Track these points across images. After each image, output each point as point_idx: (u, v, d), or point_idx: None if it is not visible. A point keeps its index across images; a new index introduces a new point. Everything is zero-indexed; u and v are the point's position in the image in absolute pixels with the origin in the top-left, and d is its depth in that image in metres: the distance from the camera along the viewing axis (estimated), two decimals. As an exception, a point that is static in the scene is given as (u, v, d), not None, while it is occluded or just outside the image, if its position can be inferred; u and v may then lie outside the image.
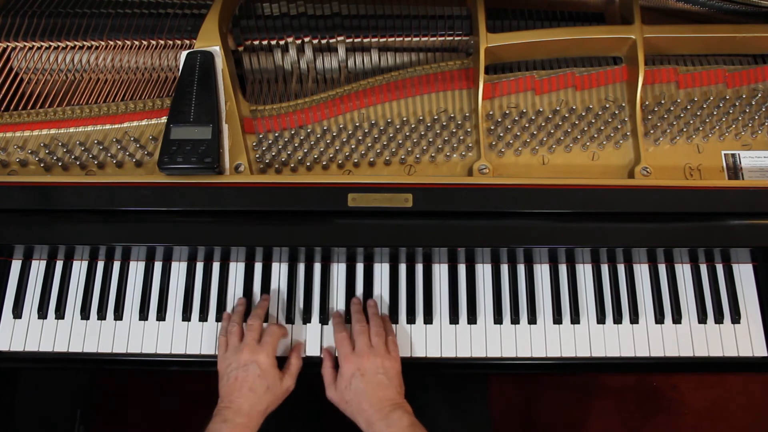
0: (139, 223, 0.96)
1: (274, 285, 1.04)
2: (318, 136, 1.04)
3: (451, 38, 1.08)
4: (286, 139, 1.04)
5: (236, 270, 1.05)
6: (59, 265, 1.05)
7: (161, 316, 1.02)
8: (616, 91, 1.07)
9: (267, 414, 0.91)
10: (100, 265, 1.05)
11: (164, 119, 1.00)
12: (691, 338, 1.02)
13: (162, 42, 1.06)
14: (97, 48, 1.07)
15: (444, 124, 1.04)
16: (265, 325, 0.98)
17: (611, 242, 0.97)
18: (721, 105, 1.06)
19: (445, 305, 1.03)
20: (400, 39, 1.08)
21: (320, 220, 0.96)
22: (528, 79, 1.07)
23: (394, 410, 0.87)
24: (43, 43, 1.06)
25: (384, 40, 1.07)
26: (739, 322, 1.03)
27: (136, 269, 1.05)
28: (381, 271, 1.05)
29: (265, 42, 1.07)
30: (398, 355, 0.94)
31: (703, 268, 1.06)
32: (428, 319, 1.02)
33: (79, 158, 1.01)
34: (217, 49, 1.01)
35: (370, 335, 0.94)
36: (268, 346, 0.92)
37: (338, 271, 1.05)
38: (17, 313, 1.03)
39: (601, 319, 1.02)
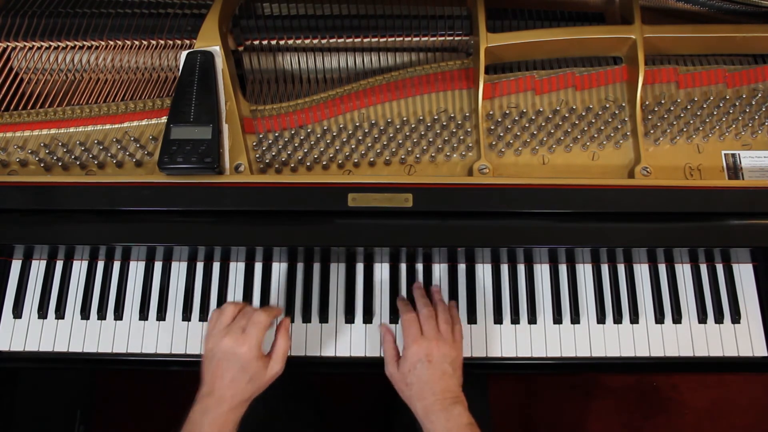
0: (139, 223, 0.96)
1: (274, 285, 1.04)
2: (318, 136, 1.04)
3: (451, 38, 1.08)
4: (286, 139, 1.04)
5: (236, 270, 1.05)
6: (59, 265, 1.05)
7: (161, 316, 1.02)
8: (616, 91, 1.07)
9: (251, 401, 0.88)
10: (100, 265, 1.05)
11: (164, 119, 1.00)
12: (691, 338, 1.02)
13: (162, 42, 1.06)
14: (97, 48, 1.07)
15: (444, 124, 1.04)
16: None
17: (611, 242, 0.97)
18: (721, 105, 1.06)
19: (445, 305, 1.03)
20: (400, 39, 1.08)
21: (320, 220, 0.96)
22: (528, 79, 1.07)
23: (455, 404, 0.86)
24: (43, 43, 1.06)
25: (384, 40, 1.07)
26: (739, 322, 1.03)
27: (136, 269, 1.05)
28: (381, 271, 1.05)
29: (265, 42, 1.07)
30: (462, 345, 0.94)
31: (703, 268, 1.06)
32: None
33: (79, 158, 1.01)
34: (217, 49, 1.01)
35: (438, 321, 0.93)
36: (252, 338, 0.86)
37: (338, 271, 1.05)
38: (17, 313, 1.03)
39: (601, 319, 1.02)
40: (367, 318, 1.02)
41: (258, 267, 1.05)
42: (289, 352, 0.99)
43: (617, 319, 1.02)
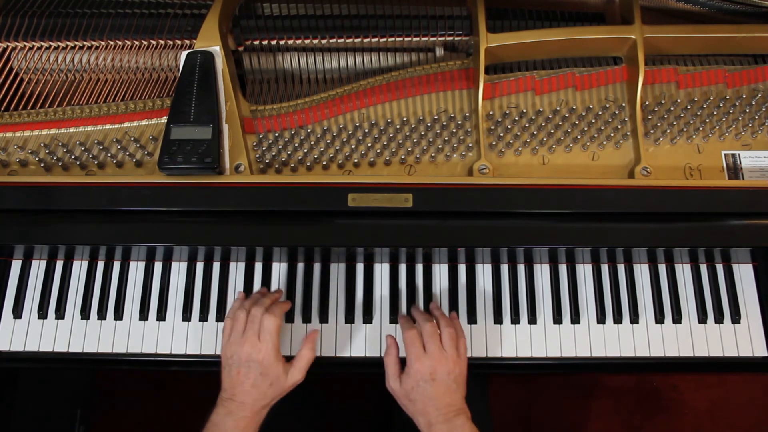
0: (139, 223, 0.96)
1: (274, 285, 1.04)
2: (318, 136, 1.04)
3: (451, 38, 1.08)
4: (286, 139, 1.04)
5: (236, 270, 1.05)
6: (59, 265, 1.05)
7: (161, 316, 1.02)
8: (616, 91, 1.07)
9: (271, 406, 0.90)
10: (100, 265, 1.05)
11: (164, 119, 1.00)
12: (691, 338, 1.02)
13: (162, 42, 1.06)
14: (97, 48, 1.07)
15: (444, 124, 1.04)
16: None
17: (611, 242, 0.97)
18: (721, 105, 1.06)
19: (445, 305, 1.03)
20: (400, 39, 1.08)
21: (320, 220, 0.96)
22: (528, 79, 1.07)
23: (458, 416, 0.87)
24: (43, 43, 1.06)
25: (384, 40, 1.07)
26: (739, 322, 1.03)
27: (136, 269, 1.05)
28: (381, 271, 1.05)
29: (265, 42, 1.07)
30: (466, 358, 0.93)
31: (704, 268, 1.06)
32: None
33: (79, 158, 1.01)
34: (217, 49, 1.01)
35: (441, 336, 0.92)
36: (268, 343, 0.89)
37: (338, 271, 1.05)
38: (17, 313, 1.03)
39: (601, 319, 1.02)
40: (367, 318, 1.02)
41: (258, 267, 1.05)
42: (289, 353, 1.00)
43: (617, 320, 1.02)
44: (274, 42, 1.07)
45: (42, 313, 1.02)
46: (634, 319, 1.02)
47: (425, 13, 1.07)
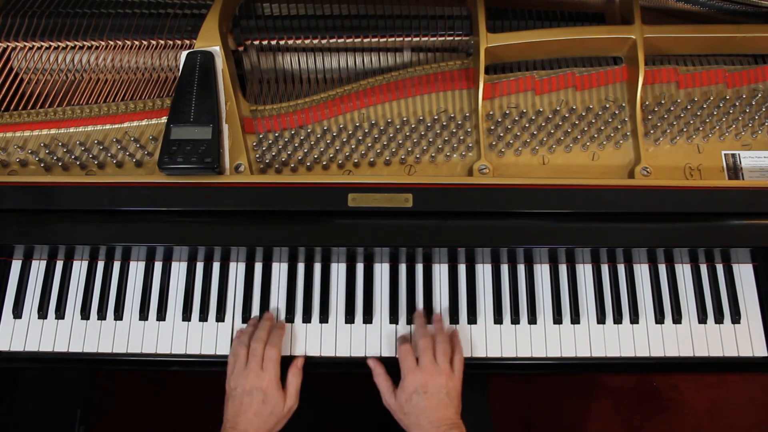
0: (139, 223, 0.96)
1: (274, 285, 1.04)
2: (318, 136, 1.04)
3: (451, 38, 1.08)
4: (286, 139, 1.04)
5: (236, 270, 1.05)
6: (59, 265, 1.05)
7: (161, 316, 1.02)
8: (616, 91, 1.07)
9: None
10: (100, 265, 1.05)
11: (164, 119, 1.00)
12: (691, 338, 1.02)
13: (162, 42, 1.06)
14: (97, 48, 1.07)
15: (444, 124, 1.04)
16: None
17: (611, 242, 0.97)
18: (721, 105, 1.06)
19: (445, 305, 1.03)
20: (400, 39, 1.08)
21: (320, 220, 0.96)
22: (528, 79, 1.07)
23: (451, 430, 0.88)
24: (43, 43, 1.06)
25: (384, 40, 1.07)
26: (739, 322, 1.03)
27: (136, 269, 1.05)
28: (381, 271, 1.05)
29: (265, 42, 1.07)
30: (461, 374, 0.94)
31: (703, 269, 1.06)
32: (428, 319, 1.02)
33: (79, 158, 1.01)
34: (217, 49, 1.01)
35: (436, 352, 0.93)
36: (271, 372, 0.92)
37: (338, 271, 1.05)
38: (17, 313, 1.03)
39: (601, 319, 1.02)
40: (367, 318, 1.02)
41: (258, 267, 1.05)
42: (289, 353, 1.00)
43: (617, 320, 1.02)
44: (274, 42, 1.07)
45: (42, 313, 1.02)
46: (634, 319, 1.02)
47: (425, 13, 1.07)
